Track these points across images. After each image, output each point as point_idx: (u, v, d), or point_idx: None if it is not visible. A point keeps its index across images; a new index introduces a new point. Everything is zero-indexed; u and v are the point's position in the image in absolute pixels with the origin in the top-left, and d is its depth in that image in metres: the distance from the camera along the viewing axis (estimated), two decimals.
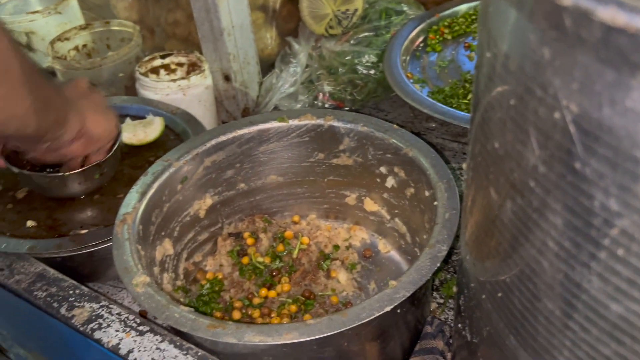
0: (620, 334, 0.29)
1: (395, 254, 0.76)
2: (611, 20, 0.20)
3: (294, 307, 0.69)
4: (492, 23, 0.32)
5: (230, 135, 0.71)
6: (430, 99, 0.85)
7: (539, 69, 0.28)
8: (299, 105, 1.01)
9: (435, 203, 0.59)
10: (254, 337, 0.47)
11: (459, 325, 0.49)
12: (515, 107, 0.31)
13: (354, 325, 0.48)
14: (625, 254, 0.27)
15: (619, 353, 0.30)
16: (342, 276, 0.73)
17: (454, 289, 0.70)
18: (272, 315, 0.69)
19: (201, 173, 0.71)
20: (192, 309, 0.51)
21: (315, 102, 1.01)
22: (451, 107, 0.84)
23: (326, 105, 1.01)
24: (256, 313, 0.68)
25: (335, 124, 0.72)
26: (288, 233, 0.77)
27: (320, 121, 0.72)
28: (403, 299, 0.49)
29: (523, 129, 0.31)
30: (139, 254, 0.58)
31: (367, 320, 0.48)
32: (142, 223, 0.61)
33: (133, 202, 0.62)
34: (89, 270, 0.72)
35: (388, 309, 0.49)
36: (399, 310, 0.55)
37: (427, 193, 0.64)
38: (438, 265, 0.52)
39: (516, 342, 0.38)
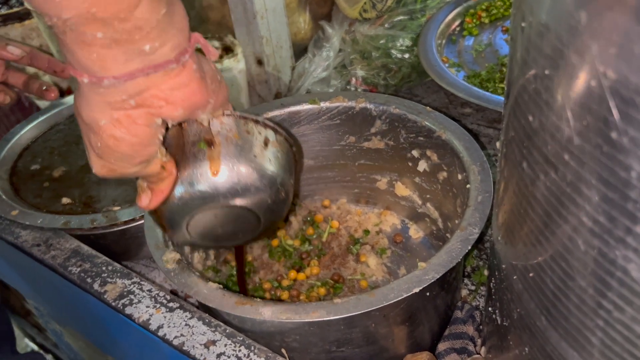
0: None
1: (426, 240, 0.75)
2: None
3: (322, 290, 0.69)
4: None
5: (261, 118, 0.71)
6: (465, 83, 0.84)
7: (575, 35, 0.27)
8: (331, 90, 1.00)
9: (468, 186, 0.58)
10: (282, 315, 0.47)
11: (490, 309, 0.48)
12: (550, 77, 0.30)
13: (382, 305, 0.47)
14: None
15: None
16: (372, 261, 0.73)
17: (485, 273, 0.69)
18: (301, 298, 0.69)
19: None
20: (220, 286, 0.51)
21: (348, 87, 1.01)
22: (487, 91, 0.83)
23: (359, 90, 1.00)
24: (285, 295, 0.68)
25: (367, 105, 0.71)
26: (318, 216, 0.77)
27: (351, 103, 0.71)
28: (432, 280, 0.48)
29: (558, 100, 0.29)
30: None
31: (394, 301, 0.47)
32: None
33: None
34: (122, 248, 0.73)
35: (416, 290, 0.48)
36: (427, 294, 0.54)
37: (459, 176, 0.62)
38: (469, 247, 0.51)
39: (547, 322, 0.37)
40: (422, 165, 0.70)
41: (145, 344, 0.57)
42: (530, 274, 0.37)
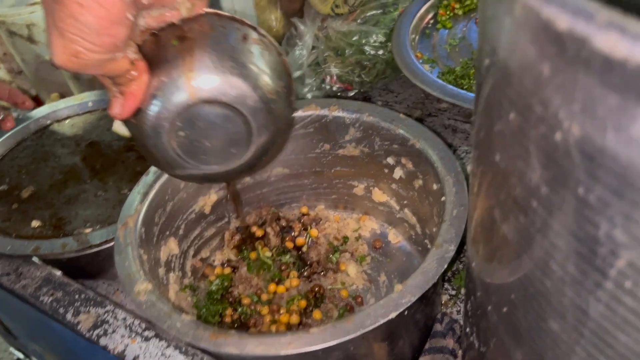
0: None
1: (406, 244, 0.75)
2: (610, 51, 0.18)
3: (303, 303, 0.68)
4: (490, 29, 0.30)
5: None
6: (440, 81, 0.82)
7: (538, 85, 0.25)
8: (306, 89, 0.98)
9: (443, 198, 0.57)
10: (256, 348, 0.46)
11: (467, 329, 0.48)
12: (515, 121, 0.29)
13: (358, 334, 0.46)
14: (634, 287, 0.25)
15: None
16: (352, 269, 0.72)
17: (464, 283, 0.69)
18: (281, 312, 0.68)
19: None
20: (194, 319, 0.50)
21: (323, 85, 0.99)
22: (462, 88, 0.81)
23: (334, 88, 0.99)
24: (265, 310, 0.68)
25: (340, 114, 0.69)
26: (296, 225, 0.76)
27: (324, 112, 0.70)
28: (409, 304, 0.48)
29: (524, 146, 0.28)
30: (141, 259, 0.57)
31: (371, 328, 0.47)
32: (144, 225, 0.60)
33: (135, 204, 0.61)
34: (96, 269, 0.72)
35: (393, 315, 0.47)
36: (406, 312, 0.53)
37: (435, 186, 0.61)
38: (445, 267, 0.50)
39: (522, 359, 0.36)
40: (398, 173, 0.69)
41: None
42: (504, 309, 0.36)
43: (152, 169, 0.65)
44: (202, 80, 0.45)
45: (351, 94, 0.99)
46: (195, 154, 0.50)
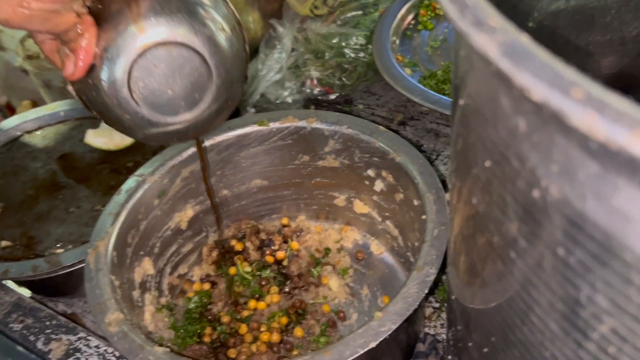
0: None
1: (388, 256, 0.73)
2: (588, 130, 0.16)
3: (284, 319, 0.67)
4: (464, 71, 0.28)
5: (207, 143, 0.67)
6: (422, 86, 0.81)
7: (514, 138, 0.24)
8: (286, 93, 0.96)
9: (424, 217, 0.56)
10: None
11: (449, 357, 0.46)
12: (491, 169, 0.27)
13: None
14: (617, 353, 0.23)
15: None
16: (334, 282, 0.70)
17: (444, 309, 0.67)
18: (262, 329, 0.66)
19: (179, 185, 0.67)
20: (167, 350, 0.48)
21: (303, 89, 0.97)
22: (444, 94, 0.80)
23: (315, 92, 0.96)
24: (244, 328, 0.66)
25: (319, 125, 0.67)
26: (276, 238, 0.74)
27: (302, 123, 0.68)
28: (389, 332, 0.46)
29: (501, 196, 0.27)
30: (112, 285, 0.55)
31: (350, 359, 0.45)
32: (116, 249, 0.58)
33: (106, 227, 0.59)
34: (69, 289, 0.70)
35: (373, 345, 0.46)
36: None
37: (415, 202, 0.60)
38: (426, 291, 0.49)
39: None
40: (379, 185, 0.67)
41: None
42: (485, 350, 0.35)
43: (124, 187, 0.63)
44: (152, 24, 0.46)
45: (332, 97, 0.97)
46: (159, 105, 0.49)
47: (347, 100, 0.98)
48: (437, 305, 0.68)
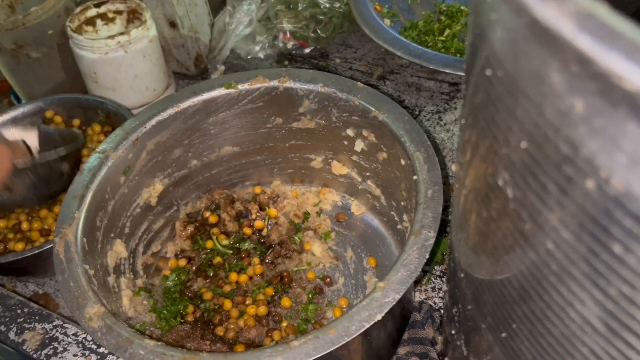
0: None
1: (369, 216, 0.71)
2: None
3: (269, 290, 0.64)
4: (496, 38, 0.24)
5: (172, 111, 0.62)
6: (403, 39, 0.76)
7: (566, 120, 0.21)
8: (257, 47, 0.90)
9: (415, 177, 0.53)
10: None
11: (453, 332, 0.45)
12: (529, 152, 0.24)
13: (344, 342, 0.43)
14: None
15: None
16: (317, 247, 0.68)
17: (441, 256, 0.66)
18: (247, 302, 0.63)
19: (145, 158, 0.62)
20: (158, 343, 0.45)
21: (276, 43, 0.91)
22: (426, 46, 0.76)
23: (288, 46, 0.91)
24: (228, 304, 0.63)
25: (292, 85, 0.63)
26: (253, 207, 0.71)
27: (274, 83, 0.63)
28: (393, 303, 0.44)
29: (540, 183, 0.24)
30: (87, 275, 0.51)
31: (357, 334, 0.43)
32: (85, 234, 0.54)
33: (72, 211, 0.54)
34: (41, 269, 0.66)
35: (379, 317, 0.44)
36: None
37: (402, 162, 0.57)
38: (427, 256, 0.47)
39: None
40: (359, 145, 0.64)
41: None
42: (503, 334, 0.33)
43: (86, 166, 0.58)
44: None
45: (307, 51, 0.92)
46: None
47: (323, 54, 0.93)
48: (426, 268, 0.67)
